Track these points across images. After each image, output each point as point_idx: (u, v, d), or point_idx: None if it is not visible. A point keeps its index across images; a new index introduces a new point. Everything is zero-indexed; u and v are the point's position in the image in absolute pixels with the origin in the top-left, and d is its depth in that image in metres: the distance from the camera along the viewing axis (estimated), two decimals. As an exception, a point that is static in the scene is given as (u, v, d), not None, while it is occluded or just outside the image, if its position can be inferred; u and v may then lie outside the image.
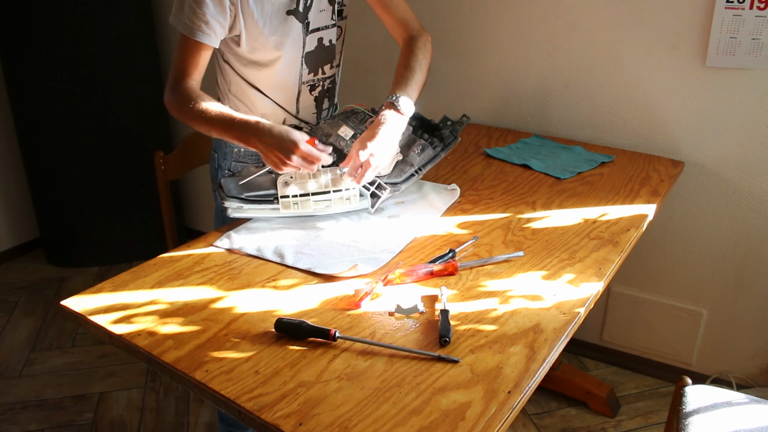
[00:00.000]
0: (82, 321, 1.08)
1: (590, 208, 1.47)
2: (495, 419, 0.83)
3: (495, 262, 1.22)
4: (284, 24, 1.40)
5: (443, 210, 1.45)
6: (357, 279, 1.17)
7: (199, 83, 1.40)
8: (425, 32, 1.49)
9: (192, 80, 1.38)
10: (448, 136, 1.51)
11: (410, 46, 1.44)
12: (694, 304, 2.05)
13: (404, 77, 1.38)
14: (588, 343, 2.27)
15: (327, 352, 0.97)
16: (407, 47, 1.44)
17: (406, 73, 1.38)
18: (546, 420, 1.99)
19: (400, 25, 1.49)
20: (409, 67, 1.39)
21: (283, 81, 1.47)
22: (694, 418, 1.27)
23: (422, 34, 1.48)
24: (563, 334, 1.00)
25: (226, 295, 1.13)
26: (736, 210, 1.89)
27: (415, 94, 1.38)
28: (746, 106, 1.78)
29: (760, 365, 2.02)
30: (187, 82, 1.37)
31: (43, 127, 2.70)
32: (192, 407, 2.08)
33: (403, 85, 1.36)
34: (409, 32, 1.48)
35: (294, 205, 1.36)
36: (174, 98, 1.37)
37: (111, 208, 2.88)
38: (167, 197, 1.80)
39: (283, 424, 0.83)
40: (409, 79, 1.37)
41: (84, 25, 2.55)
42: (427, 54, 1.45)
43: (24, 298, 2.74)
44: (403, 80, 1.37)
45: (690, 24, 1.78)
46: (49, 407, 2.10)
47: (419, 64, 1.40)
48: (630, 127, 1.96)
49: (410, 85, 1.37)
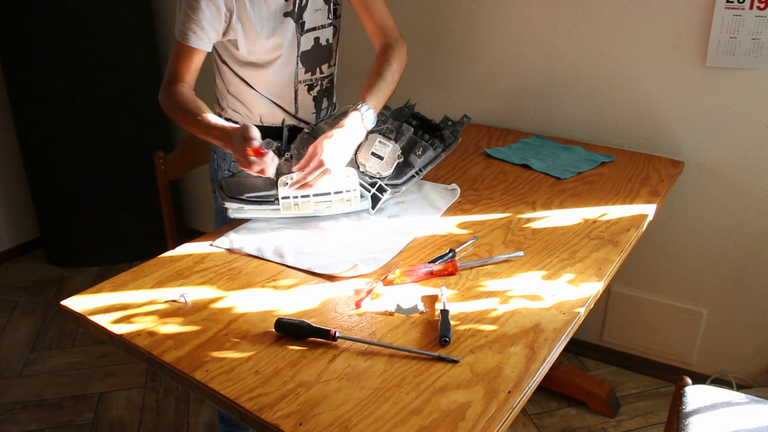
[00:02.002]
0: (82, 321, 1.08)
1: (590, 208, 1.47)
2: (495, 419, 0.83)
3: (495, 262, 1.22)
4: (281, 26, 1.41)
5: (443, 210, 1.45)
6: (357, 279, 1.17)
7: (192, 85, 1.43)
8: (403, 41, 1.49)
9: (183, 83, 1.41)
10: (448, 136, 1.51)
11: (386, 54, 1.44)
12: (694, 304, 2.05)
13: (375, 86, 1.38)
14: (588, 343, 2.27)
15: (327, 352, 0.97)
16: (383, 54, 1.45)
17: (378, 82, 1.39)
18: (546, 420, 1.99)
19: (380, 31, 1.49)
20: (381, 75, 1.40)
21: (280, 81, 1.47)
22: (694, 418, 1.27)
23: (399, 43, 1.48)
24: (563, 334, 1.00)
25: (226, 295, 1.13)
26: (736, 210, 1.89)
27: (381, 104, 1.40)
28: (746, 106, 1.78)
29: (760, 365, 2.02)
30: (179, 84, 1.40)
31: (43, 127, 2.70)
32: (192, 407, 2.08)
33: (373, 94, 1.37)
34: (387, 39, 1.48)
35: (294, 206, 1.36)
36: (165, 100, 1.40)
37: (111, 208, 2.88)
38: (167, 197, 1.80)
39: (283, 424, 0.83)
40: (380, 89, 1.38)
41: (84, 25, 2.55)
42: (401, 64, 1.46)
43: (24, 298, 2.74)
44: (374, 88, 1.38)
45: (690, 24, 1.78)
46: (49, 407, 2.10)
47: (391, 74, 1.41)
48: (630, 127, 1.96)
49: (379, 95, 1.38)
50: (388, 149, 1.39)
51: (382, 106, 1.43)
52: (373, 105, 1.36)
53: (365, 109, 1.34)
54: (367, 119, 1.35)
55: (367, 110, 1.34)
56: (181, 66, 1.40)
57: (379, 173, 1.39)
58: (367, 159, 1.38)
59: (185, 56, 1.39)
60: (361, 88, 1.40)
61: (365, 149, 1.39)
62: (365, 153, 1.39)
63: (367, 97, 1.36)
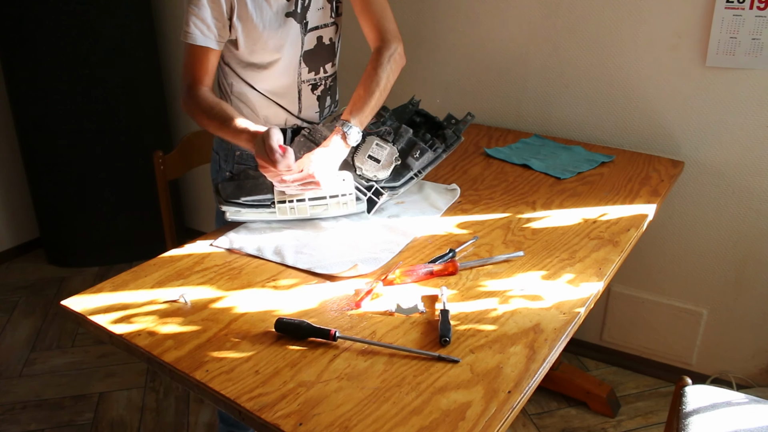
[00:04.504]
0: (82, 321, 1.08)
1: (590, 208, 1.47)
2: (495, 419, 0.83)
3: (495, 262, 1.22)
4: (283, 26, 1.40)
5: (443, 210, 1.45)
6: (357, 279, 1.17)
7: (211, 87, 1.43)
8: (399, 42, 1.45)
9: (202, 86, 1.40)
10: (450, 136, 1.51)
11: (375, 63, 1.41)
12: (694, 304, 2.05)
13: (362, 102, 1.36)
14: (588, 343, 2.27)
15: (327, 352, 0.97)
16: (373, 62, 1.42)
17: (365, 98, 1.36)
18: (546, 420, 1.99)
19: (375, 31, 1.45)
20: (369, 90, 1.37)
21: (283, 82, 1.47)
22: (694, 418, 1.27)
23: (393, 44, 1.44)
24: (563, 334, 1.00)
25: (226, 295, 1.13)
26: (736, 210, 1.89)
27: (368, 120, 1.38)
28: (746, 106, 1.78)
29: (760, 365, 2.02)
30: (198, 89, 1.40)
31: (43, 127, 2.70)
32: (192, 407, 2.08)
33: (358, 112, 1.35)
34: (381, 41, 1.44)
35: (291, 209, 1.36)
36: (189, 106, 1.40)
37: (111, 208, 2.88)
38: (167, 197, 1.80)
39: (283, 424, 0.83)
40: (366, 105, 1.36)
41: (84, 24, 2.55)
42: (394, 69, 1.43)
43: (24, 298, 2.74)
44: (360, 105, 1.36)
45: (690, 24, 1.78)
46: (49, 407, 2.10)
47: (380, 87, 1.38)
48: (630, 127, 1.96)
49: (365, 112, 1.36)
50: (385, 152, 1.39)
51: (378, 109, 1.42)
52: (358, 122, 1.34)
53: (347, 127, 1.33)
54: (350, 137, 1.33)
55: (350, 129, 1.33)
56: (195, 69, 1.39)
57: (375, 176, 1.39)
58: (364, 162, 1.38)
59: (197, 58, 1.38)
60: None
61: (362, 152, 1.39)
62: (362, 156, 1.38)
63: (352, 114, 1.34)
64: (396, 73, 1.44)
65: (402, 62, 1.46)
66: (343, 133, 1.33)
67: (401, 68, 1.46)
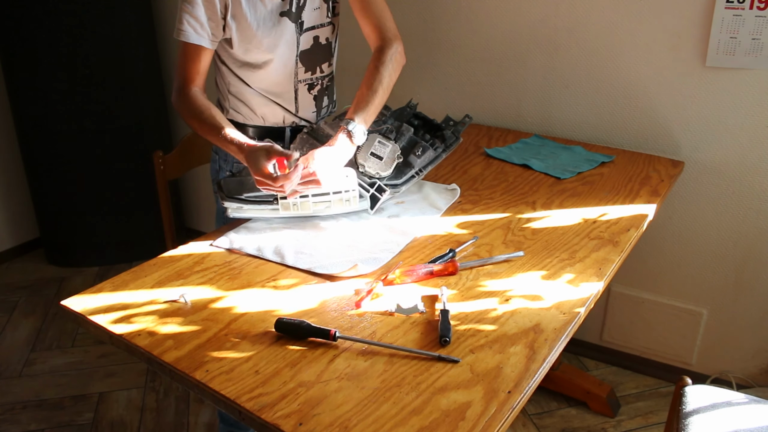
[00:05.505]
0: (82, 321, 1.08)
1: (590, 208, 1.47)
2: (495, 419, 0.83)
3: (495, 262, 1.22)
4: (278, 26, 1.40)
5: (443, 210, 1.45)
6: (357, 279, 1.17)
7: (203, 87, 1.42)
8: (399, 41, 1.46)
9: (194, 86, 1.40)
10: (449, 136, 1.51)
11: (377, 62, 1.41)
12: (694, 304, 2.05)
13: (366, 101, 1.37)
14: (588, 343, 2.27)
15: (327, 352, 0.97)
16: (375, 60, 1.42)
17: (369, 96, 1.37)
18: (546, 420, 1.99)
19: (376, 31, 1.46)
20: (372, 89, 1.38)
21: (279, 81, 1.47)
22: (694, 418, 1.27)
23: (394, 44, 1.44)
24: (563, 334, 1.00)
25: (226, 295, 1.13)
26: (736, 210, 1.89)
27: (372, 119, 1.38)
28: (746, 106, 1.78)
29: (760, 365, 2.02)
30: (190, 89, 1.40)
31: (43, 127, 2.69)
32: (192, 407, 2.08)
33: (362, 110, 1.36)
34: (381, 41, 1.45)
35: (293, 206, 1.36)
36: (179, 106, 1.40)
37: (111, 208, 2.88)
38: (166, 197, 1.80)
39: (283, 424, 0.83)
40: (370, 103, 1.37)
41: (84, 25, 2.55)
42: (395, 68, 1.43)
43: (24, 298, 2.74)
44: (364, 104, 1.37)
45: (690, 24, 1.78)
46: (49, 407, 2.10)
47: (383, 85, 1.39)
48: (630, 127, 1.96)
49: (369, 110, 1.37)
50: (388, 149, 1.39)
51: (382, 108, 1.43)
52: (363, 120, 1.35)
53: (353, 126, 1.33)
54: (356, 136, 1.34)
55: (355, 127, 1.33)
56: (187, 68, 1.39)
57: (378, 173, 1.39)
58: (367, 159, 1.38)
59: (189, 56, 1.38)
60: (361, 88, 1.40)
61: (365, 149, 1.39)
62: (364, 153, 1.39)
63: (357, 113, 1.35)
64: (397, 72, 1.45)
65: (402, 62, 1.47)
66: (348, 131, 1.33)
67: (401, 68, 1.47)
